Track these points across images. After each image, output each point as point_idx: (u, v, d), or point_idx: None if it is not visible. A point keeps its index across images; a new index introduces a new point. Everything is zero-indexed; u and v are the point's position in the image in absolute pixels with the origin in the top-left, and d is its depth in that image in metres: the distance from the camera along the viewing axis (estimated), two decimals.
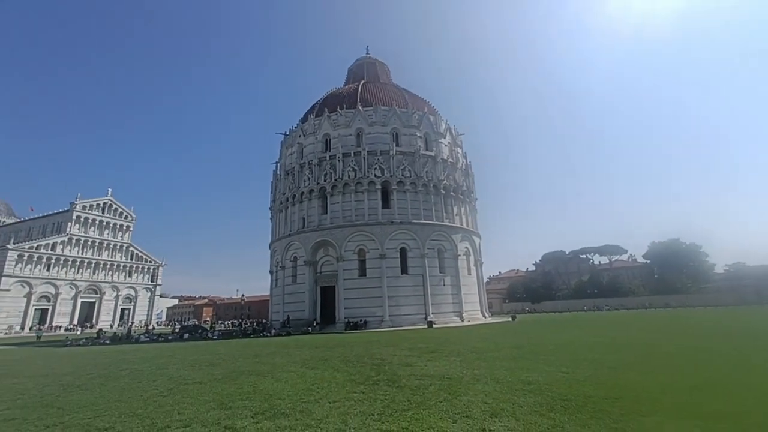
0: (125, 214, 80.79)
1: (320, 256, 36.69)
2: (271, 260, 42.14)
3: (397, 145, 38.69)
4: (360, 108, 40.19)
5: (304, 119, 44.20)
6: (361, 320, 32.04)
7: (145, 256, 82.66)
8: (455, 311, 35.56)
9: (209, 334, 34.14)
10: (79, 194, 73.03)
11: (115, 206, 79.13)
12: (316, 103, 45.77)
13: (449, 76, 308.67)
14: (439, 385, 8.21)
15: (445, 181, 39.10)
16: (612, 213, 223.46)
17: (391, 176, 36.67)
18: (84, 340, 32.13)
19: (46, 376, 12.07)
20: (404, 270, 34.78)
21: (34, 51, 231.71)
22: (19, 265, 63.02)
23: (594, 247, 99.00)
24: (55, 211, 75.07)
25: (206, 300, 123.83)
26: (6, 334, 56.52)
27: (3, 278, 60.57)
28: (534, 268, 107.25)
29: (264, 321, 44.38)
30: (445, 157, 41.20)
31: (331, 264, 35.87)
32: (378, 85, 46.63)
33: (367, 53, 54.05)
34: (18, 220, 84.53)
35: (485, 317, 40.35)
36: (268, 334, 30.68)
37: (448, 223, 38.14)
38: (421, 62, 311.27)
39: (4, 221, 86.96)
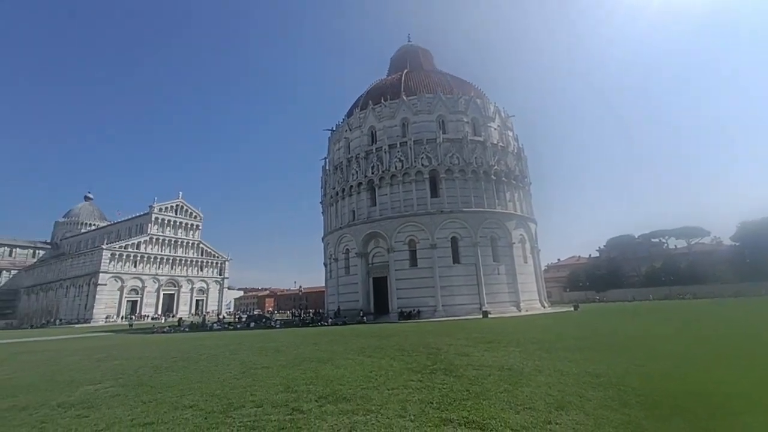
0: (194, 214, 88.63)
1: (371, 247, 37.33)
2: (325, 253, 43.73)
3: (444, 133, 37.83)
4: (404, 97, 39.82)
5: (350, 114, 44.84)
6: (414, 310, 32.22)
7: (213, 252, 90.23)
8: (511, 301, 34.37)
9: (272, 323, 36.56)
10: (155, 198, 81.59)
11: (185, 207, 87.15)
12: (361, 96, 46.14)
13: (496, 57, 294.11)
14: (499, 376, 8.01)
15: (495, 167, 37.60)
16: (688, 192, 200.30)
17: (438, 165, 36.05)
18: (167, 328, 36.01)
19: (139, 359, 13.74)
20: (456, 259, 34.23)
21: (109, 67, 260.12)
22: (112, 263, 72.05)
23: (669, 229, 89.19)
24: (137, 214, 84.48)
25: (267, 291, 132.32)
26: (105, 322, 65.23)
27: (101, 274, 69.73)
28: (598, 255, 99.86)
29: (320, 311, 46.36)
30: (495, 142, 39.54)
31: (382, 255, 36.35)
32: (421, 73, 45.79)
33: (408, 41, 53.24)
34: (108, 223, 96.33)
35: (544, 307, 38.53)
36: (325, 324, 32.05)
37: (500, 210, 36.74)
38: (465, 46, 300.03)
39: (98, 225, 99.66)
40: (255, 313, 61.23)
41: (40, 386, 9.18)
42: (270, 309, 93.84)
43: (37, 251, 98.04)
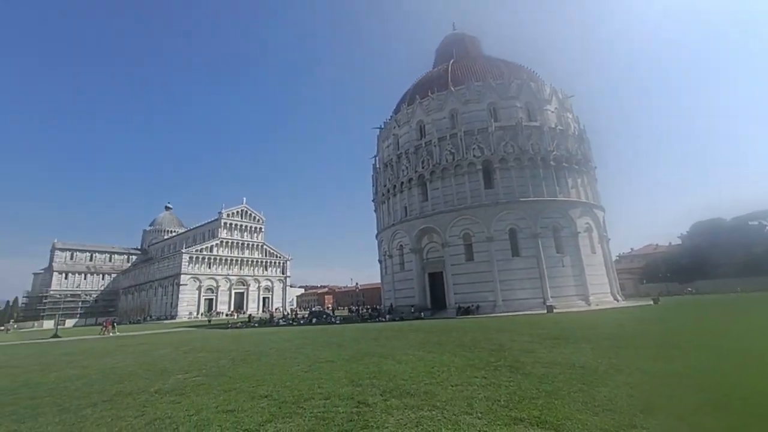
0: (257, 217, 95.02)
1: (425, 243, 37.08)
2: (379, 250, 44.34)
3: (496, 121, 36.27)
4: (452, 88, 38.85)
5: (397, 110, 44.82)
6: (472, 305, 31.46)
7: (275, 253, 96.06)
8: (579, 294, 32.09)
9: (332, 319, 38.00)
10: (223, 204, 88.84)
11: (249, 212, 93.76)
12: (407, 91, 45.88)
13: (550, 35, 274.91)
14: (570, 374, 7.51)
15: (554, 152, 35.23)
16: None
17: (491, 154, 34.68)
18: (240, 324, 39.04)
19: (218, 352, 15.06)
20: (515, 252, 32.75)
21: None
22: (191, 265, 79.82)
23: None
24: (209, 221, 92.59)
25: (326, 289, 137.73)
26: (188, 318, 72.52)
27: (182, 276, 77.62)
28: (680, 242, 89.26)
29: (378, 307, 47.18)
30: (553, 125, 37.03)
31: (437, 250, 35.93)
32: (468, 61, 44.31)
33: (453, 29, 51.80)
34: (186, 229, 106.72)
35: (617, 300, 35.41)
36: (383, 320, 32.53)
37: (562, 198, 34.40)
38: (515, 27, 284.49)
39: (177, 231, 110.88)
40: (316, 309, 64.10)
41: (140, 374, 10.46)
42: (329, 305, 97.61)
43: (130, 257, 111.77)
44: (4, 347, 26.15)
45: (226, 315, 74.72)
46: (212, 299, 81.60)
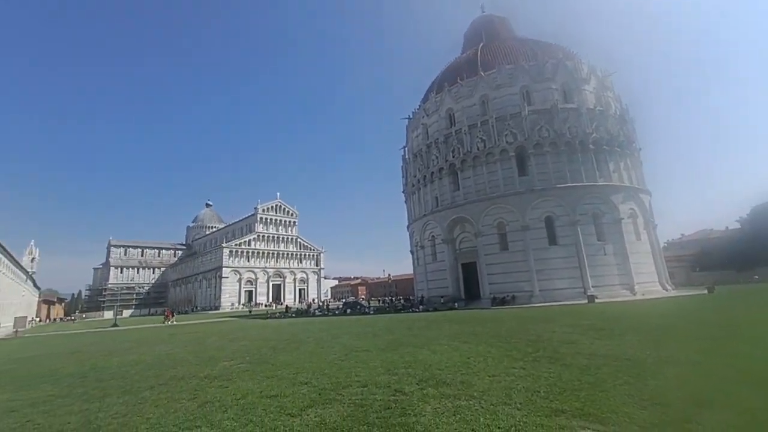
0: (291, 211, 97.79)
1: (457, 233, 36.59)
2: (411, 241, 44.29)
3: (529, 104, 34.80)
4: (481, 73, 37.60)
5: (425, 99, 44.12)
6: (508, 295, 30.80)
7: (309, 245, 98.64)
8: (623, 284, 30.48)
9: (366, 310, 38.62)
10: (258, 200, 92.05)
11: (283, 206, 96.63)
12: (436, 79, 44.97)
13: (589, 7, 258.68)
14: (615, 366, 7.20)
15: (593, 135, 33.36)
16: None
17: (525, 140, 33.40)
18: (278, 314, 40.63)
19: (260, 341, 15.79)
20: (552, 240, 31.56)
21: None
22: (231, 258, 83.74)
23: None
24: (246, 216, 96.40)
25: (359, 280, 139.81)
26: (230, 309, 76.40)
27: (223, 269, 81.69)
28: (738, 226, 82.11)
29: (411, 297, 47.32)
30: (591, 106, 35.02)
31: (470, 240, 35.36)
32: (499, 44, 42.64)
33: (482, 11, 49.97)
34: (225, 225, 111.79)
35: (666, 290, 33.31)
36: (416, 310, 32.63)
37: (602, 183, 32.60)
38: (548, 3, 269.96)
39: (217, 227, 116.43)
40: (350, 300, 65.37)
41: (191, 361, 11.20)
42: (362, 296, 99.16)
43: (176, 251, 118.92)
44: (73, 335, 28.92)
45: (265, 306, 78.06)
46: (251, 291, 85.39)
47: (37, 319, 75.32)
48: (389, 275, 76.60)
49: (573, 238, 30.88)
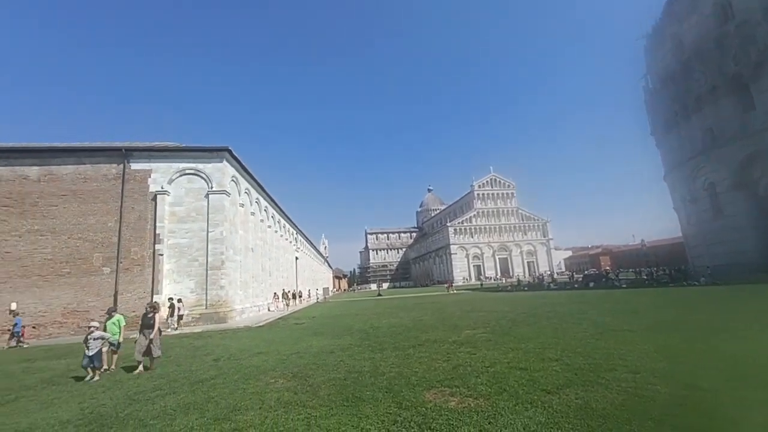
0: (507, 183, 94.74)
1: (756, 175, 25.17)
2: (673, 195, 33.96)
3: None
4: None
5: (670, 2, 32.25)
6: None
7: (532, 216, 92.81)
8: None
9: (615, 283, 32.57)
10: (473, 177, 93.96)
11: (498, 179, 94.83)
12: None
13: None
14: None
15: None
16: None
17: None
18: (509, 287, 40.40)
19: (496, 312, 16.06)
20: None
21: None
22: (456, 236, 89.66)
23: None
24: (463, 195, 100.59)
25: (600, 249, 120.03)
26: (462, 282, 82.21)
27: (451, 246, 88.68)
28: None
29: (683, 267, 36.32)
30: None
31: None
32: None
33: None
34: (446, 205, 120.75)
35: None
36: (695, 283, 24.78)
37: None
38: None
39: (439, 209, 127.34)
40: (591, 272, 57.01)
41: (438, 327, 12.63)
42: (607, 268, 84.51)
43: (411, 234, 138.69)
44: (354, 302, 38.66)
45: (494, 279, 79.34)
46: (479, 265, 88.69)
47: (335, 290, 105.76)
48: (642, 241, 61.49)
49: None
